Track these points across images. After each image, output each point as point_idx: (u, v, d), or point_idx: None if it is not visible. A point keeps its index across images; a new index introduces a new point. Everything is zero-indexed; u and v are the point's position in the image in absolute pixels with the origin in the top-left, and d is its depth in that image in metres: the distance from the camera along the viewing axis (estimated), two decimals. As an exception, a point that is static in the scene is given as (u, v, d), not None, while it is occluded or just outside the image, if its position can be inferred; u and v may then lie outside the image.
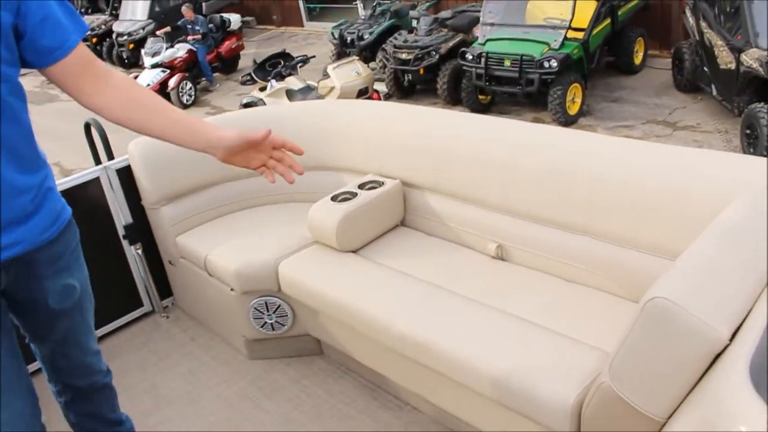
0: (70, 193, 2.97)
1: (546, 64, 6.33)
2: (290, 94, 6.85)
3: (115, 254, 3.17)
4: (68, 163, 7.69)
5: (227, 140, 1.53)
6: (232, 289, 2.67)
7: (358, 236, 2.60)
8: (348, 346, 2.50)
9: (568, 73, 6.43)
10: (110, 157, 3.24)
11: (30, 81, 14.66)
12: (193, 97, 9.74)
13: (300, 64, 7.41)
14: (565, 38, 6.44)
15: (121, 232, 3.16)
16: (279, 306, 2.64)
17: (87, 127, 3.27)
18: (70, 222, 1.72)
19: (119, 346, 3.13)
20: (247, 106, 6.81)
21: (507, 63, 6.55)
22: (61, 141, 8.66)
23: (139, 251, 3.19)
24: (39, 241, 1.60)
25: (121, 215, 3.12)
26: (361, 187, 2.70)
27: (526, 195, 2.35)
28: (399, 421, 2.40)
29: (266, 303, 2.64)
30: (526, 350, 1.91)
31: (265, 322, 2.69)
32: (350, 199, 2.61)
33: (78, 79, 1.53)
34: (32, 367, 2.02)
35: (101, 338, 3.19)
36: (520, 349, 1.92)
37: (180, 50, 9.88)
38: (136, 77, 9.99)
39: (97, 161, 3.32)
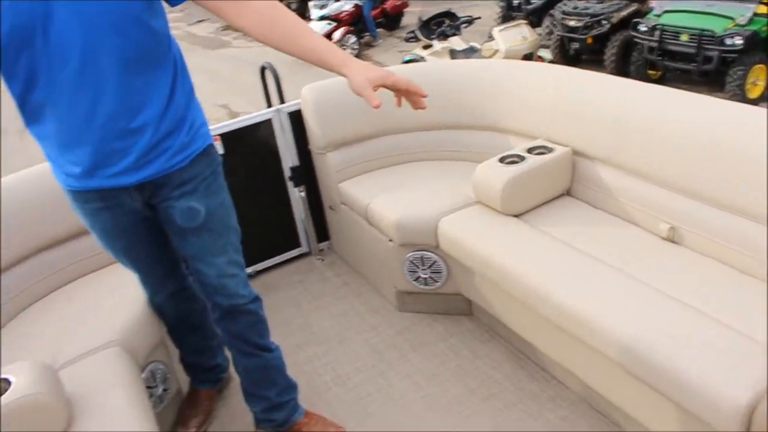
0: (242, 133, 3.13)
1: (728, 41, 5.82)
2: (453, 54, 6.79)
3: (279, 195, 3.32)
4: (235, 105, 8.12)
5: (367, 72, 1.60)
6: (390, 240, 2.71)
7: (522, 201, 2.54)
8: (500, 310, 2.47)
9: (753, 53, 5.87)
10: (282, 101, 3.36)
11: (205, 28, 15.52)
12: (356, 51, 9.91)
13: (464, 25, 7.30)
14: (755, 13, 5.88)
15: (287, 173, 3.29)
16: (435, 262, 2.65)
17: (262, 71, 3.40)
18: (204, 152, 1.88)
19: (276, 281, 3.30)
20: (409, 62, 6.82)
21: (684, 37, 6.10)
22: (229, 84, 9.13)
23: (303, 194, 3.31)
24: (169, 167, 1.81)
25: (289, 158, 3.25)
26: (529, 151, 2.62)
27: (706, 175, 2.18)
28: (545, 393, 2.36)
29: (422, 257, 2.66)
30: (696, 341, 1.79)
31: (419, 277, 2.71)
32: (518, 162, 2.55)
33: (220, 4, 1.66)
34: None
35: (261, 272, 3.37)
36: (689, 339, 1.80)
37: (346, 4, 10.06)
38: (307, 27, 10.32)
39: (269, 104, 3.47)
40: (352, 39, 9.82)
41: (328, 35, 9.71)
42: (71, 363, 2.09)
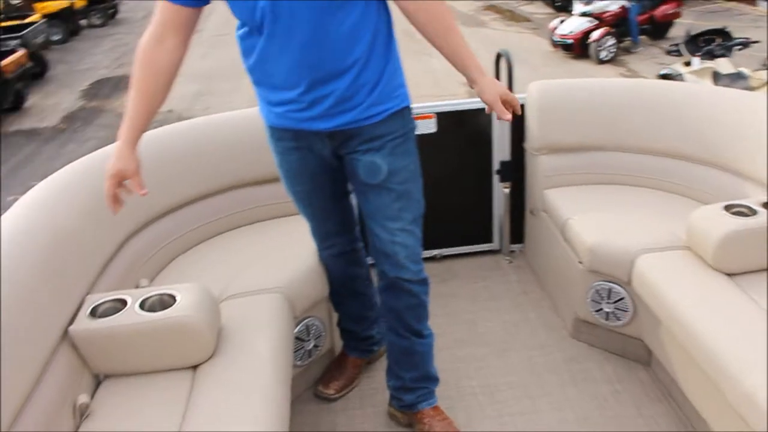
0: (459, 116, 3.07)
1: None
2: (716, 77, 6.12)
3: (483, 186, 3.23)
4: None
5: (496, 86, 1.89)
6: (580, 262, 2.52)
7: (741, 260, 2.20)
8: (681, 373, 2.18)
9: None
10: (510, 91, 3.24)
11: (467, 5, 15.62)
12: (612, 54, 9.39)
13: (738, 47, 6.55)
14: None
15: (495, 166, 3.19)
16: (622, 298, 2.42)
17: (497, 58, 3.30)
18: (398, 113, 1.92)
19: (459, 271, 3.24)
20: (664, 77, 6.29)
21: None
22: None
23: (507, 191, 3.20)
24: (361, 119, 1.87)
25: (500, 151, 3.14)
26: (765, 205, 2.26)
27: None
28: None
29: (610, 290, 2.44)
30: None
31: (602, 309, 2.49)
32: (747, 215, 2.21)
33: None
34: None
35: (446, 257, 3.33)
36: None
37: (612, 4, 9.53)
38: (562, 21, 9.95)
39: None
40: (611, 41, 9.30)
41: (586, 33, 9.29)
42: (233, 298, 2.21)
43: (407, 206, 2.00)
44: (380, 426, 2.32)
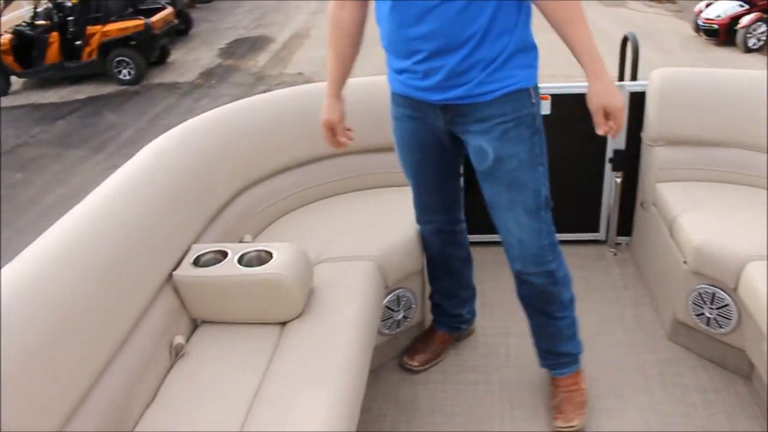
0: (574, 98, 2.97)
1: None
2: None
3: (593, 173, 3.14)
4: (610, 69, 7.77)
5: (601, 97, 1.78)
6: (684, 262, 2.40)
7: None
8: None
9: None
10: (633, 77, 3.10)
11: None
12: (761, 43, 8.70)
13: None
14: None
15: (609, 155, 3.08)
16: (726, 305, 2.29)
17: (624, 40, 3.16)
18: (512, 95, 1.85)
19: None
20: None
21: None
22: (606, 44, 8.77)
23: (618, 180, 3.09)
24: (472, 95, 1.84)
25: (615, 139, 3.02)
26: None
27: None
28: None
29: (714, 295, 2.31)
30: None
31: (703, 314, 2.37)
32: None
33: None
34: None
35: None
36: None
37: (772, -12, 8.80)
38: (708, 5, 9.32)
39: (621, 77, 3.23)
40: (762, 28, 8.61)
41: (735, 18, 8.65)
42: (328, 261, 2.28)
43: (518, 198, 1.95)
44: (459, 403, 2.35)
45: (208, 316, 2.09)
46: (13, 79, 10.15)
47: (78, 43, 9.76)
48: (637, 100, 2.90)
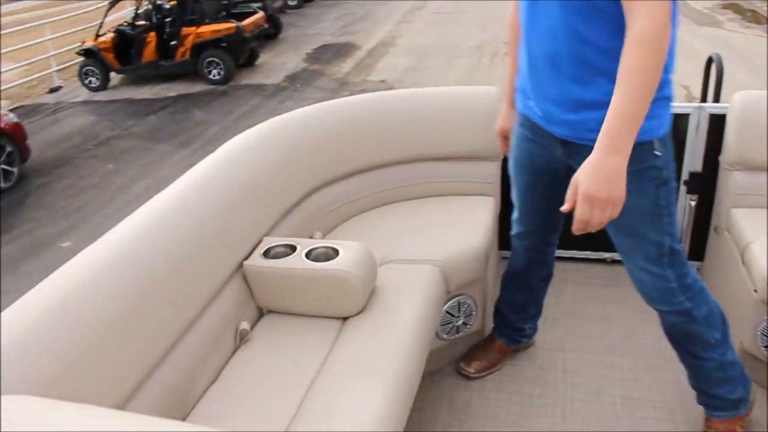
0: None
1: None
2: None
3: None
4: (696, 89, 7.57)
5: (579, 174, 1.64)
6: (755, 290, 2.34)
7: None
8: None
9: None
10: (716, 98, 3.05)
11: (703, 3, 14.53)
12: None
13: None
14: None
15: (684, 177, 3.03)
16: (795, 338, 2.22)
17: (708, 62, 3.11)
18: (635, 146, 1.54)
19: (625, 277, 3.11)
20: None
21: None
22: (699, 65, 8.52)
23: (693, 203, 3.03)
24: (584, 139, 1.75)
25: (692, 161, 2.97)
26: None
27: None
28: None
29: (783, 326, 2.25)
30: None
31: (770, 344, 2.31)
32: None
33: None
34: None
35: (615, 262, 3.23)
36: None
37: None
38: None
39: (704, 98, 3.18)
40: None
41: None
42: (393, 262, 2.35)
43: (638, 247, 1.87)
44: (512, 414, 2.36)
45: (274, 306, 2.19)
46: (112, 75, 10.73)
47: (173, 43, 10.22)
48: (718, 123, 2.85)
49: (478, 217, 2.58)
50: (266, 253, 2.18)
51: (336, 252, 2.12)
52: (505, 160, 2.95)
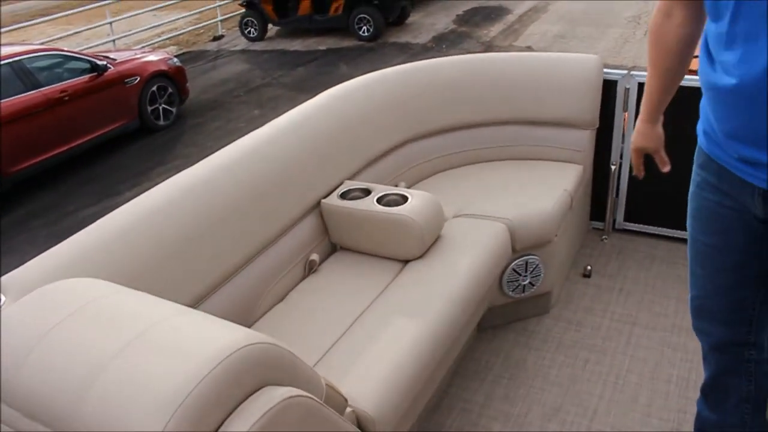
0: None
1: None
2: None
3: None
4: None
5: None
6: None
7: None
8: None
9: None
10: None
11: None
12: None
13: None
14: None
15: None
16: None
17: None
18: None
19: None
20: None
21: None
22: None
23: None
24: None
25: None
26: None
27: None
28: None
29: None
30: None
31: None
32: None
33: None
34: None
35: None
36: None
37: None
38: None
39: None
40: None
41: None
42: (464, 216, 2.47)
43: None
44: (563, 376, 2.42)
45: (345, 243, 2.39)
46: (269, 27, 11.36)
47: (328, -2, 10.65)
48: None
49: (559, 182, 2.61)
50: (344, 195, 2.37)
51: (405, 199, 2.28)
52: (598, 131, 2.94)
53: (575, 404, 2.29)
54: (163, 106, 7.42)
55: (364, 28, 10.58)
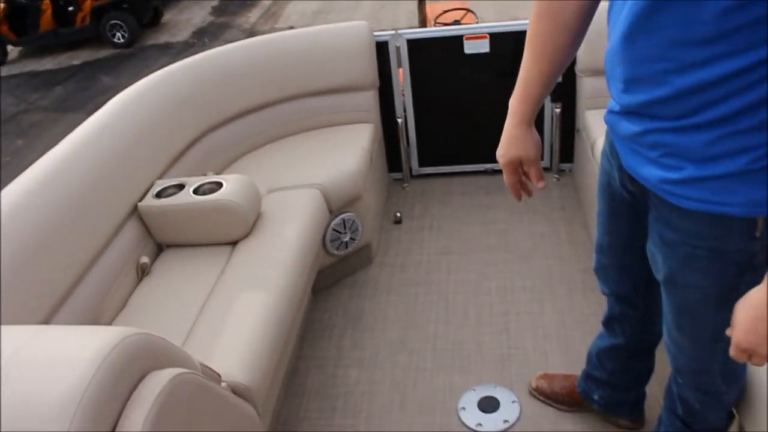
0: (514, 37, 3.20)
1: None
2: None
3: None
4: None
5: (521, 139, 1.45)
6: None
7: None
8: None
9: None
10: None
11: None
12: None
13: None
14: None
15: None
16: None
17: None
18: (723, 220, 1.17)
19: (504, 185, 3.45)
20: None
21: None
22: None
23: (557, 110, 3.33)
24: (660, 191, 1.24)
25: None
26: None
27: None
28: None
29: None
30: None
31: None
32: None
33: None
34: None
35: (496, 172, 3.53)
36: None
37: None
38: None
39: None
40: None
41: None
42: (278, 190, 2.59)
43: (686, 327, 1.40)
44: (400, 312, 2.65)
45: (171, 241, 2.40)
46: (10, 48, 10.40)
47: (70, 8, 9.94)
48: None
49: (356, 143, 2.81)
50: (159, 194, 2.37)
51: (220, 185, 2.33)
52: (380, 90, 3.19)
53: (417, 333, 2.53)
54: None
55: (118, 34, 10.08)
